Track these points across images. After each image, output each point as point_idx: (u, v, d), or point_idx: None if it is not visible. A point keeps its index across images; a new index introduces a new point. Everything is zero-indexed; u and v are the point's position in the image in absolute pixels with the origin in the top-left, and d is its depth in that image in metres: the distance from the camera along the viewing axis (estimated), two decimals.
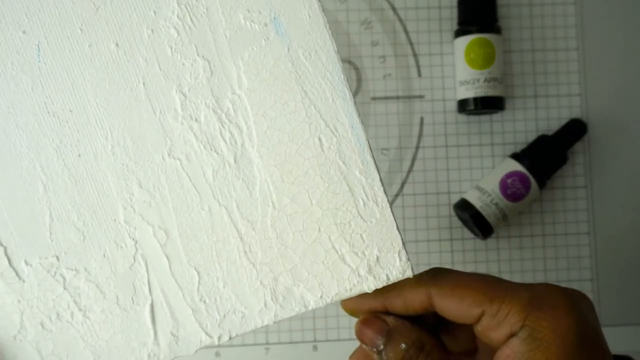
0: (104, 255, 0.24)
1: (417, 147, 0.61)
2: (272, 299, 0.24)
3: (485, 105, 0.60)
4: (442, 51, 0.62)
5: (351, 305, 0.28)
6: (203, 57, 0.23)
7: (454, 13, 0.62)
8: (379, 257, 0.24)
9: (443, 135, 0.61)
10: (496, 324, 0.25)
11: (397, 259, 0.24)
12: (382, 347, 0.27)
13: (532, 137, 0.63)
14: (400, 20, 0.61)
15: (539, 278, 0.63)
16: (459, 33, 0.61)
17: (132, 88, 0.23)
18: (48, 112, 0.23)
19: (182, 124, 0.23)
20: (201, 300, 0.24)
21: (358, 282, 0.24)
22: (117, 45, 0.23)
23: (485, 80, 0.59)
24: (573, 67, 0.63)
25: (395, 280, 0.24)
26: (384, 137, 0.62)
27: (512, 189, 0.59)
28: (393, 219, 0.24)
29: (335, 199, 0.24)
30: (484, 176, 0.62)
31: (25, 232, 0.24)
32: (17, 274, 0.24)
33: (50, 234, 0.24)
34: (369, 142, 0.24)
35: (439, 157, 0.61)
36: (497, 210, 0.59)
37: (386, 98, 0.61)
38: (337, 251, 0.24)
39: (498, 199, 0.59)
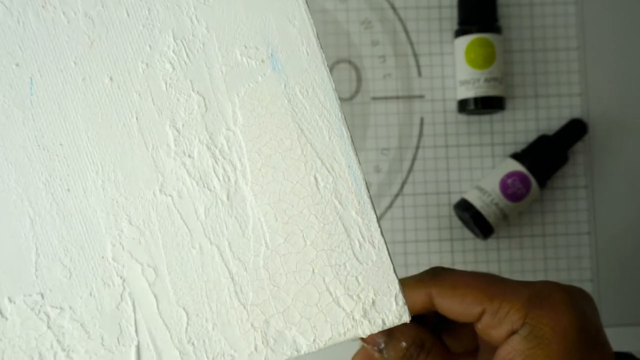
0: (90, 294, 0.23)
1: (417, 147, 0.60)
2: (262, 343, 0.23)
3: (485, 105, 0.59)
4: (442, 51, 0.61)
5: None
6: (198, 92, 0.23)
7: (454, 13, 0.61)
8: (375, 301, 0.23)
9: (443, 135, 0.61)
10: (497, 322, 0.25)
11: (394, 303, 0.23)
12: (382, 345, 0.27)
13: (532, 137, 0.62)
14: (400, 20, 0.61)
15: (539, 278, 0.59)
16: (459, 33, 0.60)
17: (125, 122, 0.23)
18: (38, 145, 0.23)
19: (175, 159, 0.23)
20: (189, 342, 0.23)
21: (352, 327, 0.23)
22: (111, 79, 0.23)
23: (486, 80, 0.59)
24: (573, 67, 0.63)
25: (392, 326, 0.23)
26: (384, 137, 0.60)
27: (513, 189, 0.58)
28: (390, 261, 0.23)
29: (330, 239, 0.23)
30: (484, 176, 0.61)
31: (10, 268, 0.23)
32: None
33: (36, 270, 0.23)
34: (366, 182, 0.23)
35: (439, 157, 0.60)
36: (498, 210, 0.58)
37: (386, 98, 0.60)
38: (331, 294, 0.23)
39: (498, 199, 0.58)
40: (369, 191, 0.22)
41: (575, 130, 0.62)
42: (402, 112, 0.61)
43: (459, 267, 0.60)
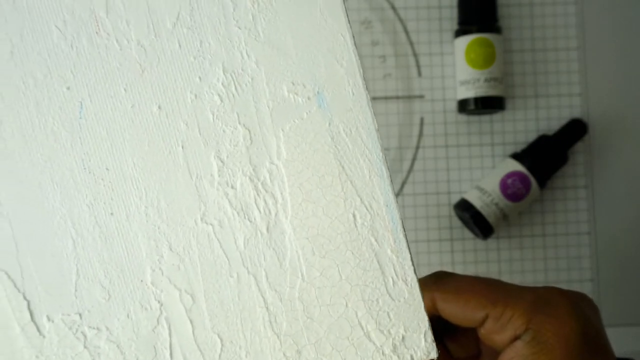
0: (128, 316, 0.23)
1: (417, 147, 0.60)
2: None
3: (485, 105, 0.59)
4: (442, 51, 0.61)
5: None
6: (244, 125, 0.23)
7: (454, 13, 0.60)
8: (405, 337, 0.24)
9: (443, 135, 0.60)
10: (500, 327, 0.25)
11: (423, 340, 0.24)
12: None
13: (532, 137, 0.61)
14: (400, 20, 0.60)
15: (540, 278, 0.60)
16: (459, 33, 0.59)
17: (171, 151, 0.23)
18: (84, 168, 0.23)
19: (218, 189, 0.23)
20: None
21: None
22: (159, 107, 0.23)
23: (486, 80, 0.58)
24: (573, 67, 0.62)
25: None
26: (384, 137, 0.60)
27: (513, 189, 0.58)
28: (421, 299, 0.24)
29: (364, 275, 0.24)
30: (484, 176, 0.60)
31: (50, 287, 0.23)
32: (38, 329, 0.23)
33: (76, 290, 0.23)
34: (402, 221, 0.24)
35: (439, 157, 0.60)
36: (498, 210, 0.57)
37: (386, 98, 0.60)
38: (362, 328, 0.24)
39: (498, 199, 0.57)
40: (404, 230, 0.23)
41: (575, 130, 0.61)
42: (402, 112, 0.60)
43: (459, 267, 0.61)
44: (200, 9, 0.22)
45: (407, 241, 0.22)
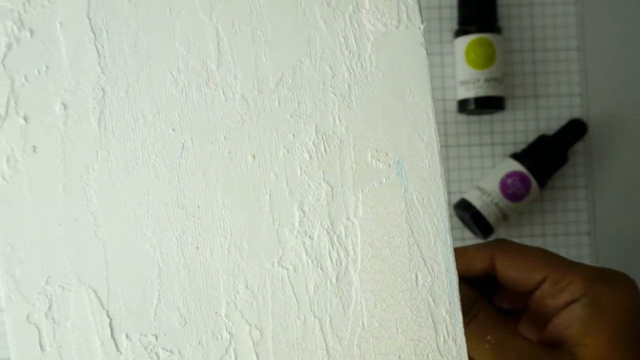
0: (200, 343, 0.25)
1: None
2: None
3: (485, 105, 0.58)
4: (442, 51, 0.60)
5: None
6: (328, 182, 0.25)
7: (454, 13, 0.60)
8: None
9: (443, 135, 0.60)
10: (557, 291, 0.25)
11: None
12: None
13: (532, 137, 0.61)
14: None
15: None
16: (459, 33, 0.58)
17: (259, 198, 0.25)
18: (178, 204, 0.25)
19: (297, 238, 0.25)
20: None
21: None
22: (253, 157, 0.25)
23: (486, 80, 0.58)
24: (573, 67, 0.61)
25: None
26: None
27: (513, 189, 0.57)
28: (467, 358, 0.26)
29: (419, 331, 0.26)
30: (484, 176, 0.60)
31: (132, 308, 0.25)
32: (116, 345, 0.25)
33: (155, 314, 0.25)
34: (458, 286, 0.26)
35: None
36: (497, 210, 0.57)
37: None
38: None
39: (498, 199, 0.57)
40: (459, 294, 0.25)
41: (575, 130, 0.60)
42: None
43: None
44: (302, 73, 0.24)
45: (460, 304, 0.25)
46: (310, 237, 0.24)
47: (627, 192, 0.62)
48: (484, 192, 0.58)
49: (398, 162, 0.24)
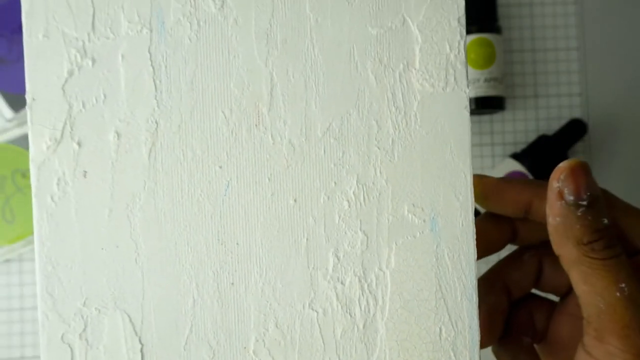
0: None
1: None
2: None
3: (485, 105, 0.58)
4: None
5: (487, 184, 0.27)
6: (364, 232, 0.26)
7: None
8: None
9: None
10: None
11: None
12: (585, 202, 0.24)
13: (532, 137, 0.60)
14: None
15: None
16: None
17: (296, 240, 0.26)
18: (218, 239, 0.26)
19: (329, 282, 0.26)
20: None
21: None
22: (295, 200, 0.26)
23: (486, 80, 0.57)
24: (573, 67, 0.61)
25: None
26: None
27: None
28: None
29: None
30: None
31: (164, 336, 0.26)
32: None
33: (185, 344, 0.26)
34: (479, 344, 0.27)
35: None
36: None
37: None
38: None
39: None
40: (479, 352, 0.26)
41: (575, 130, 0.59)
42: None
43: None
44: (349, 124, 0.25)
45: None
46: (342, 283, 0.25)
47: (627, 193, 0.61)
48: None
49: (433, 218, 0.25)
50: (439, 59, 0.25)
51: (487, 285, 0.29)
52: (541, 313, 0.30)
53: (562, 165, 0.24)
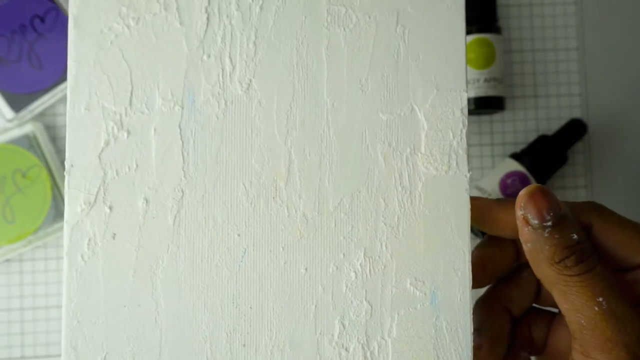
0: None
1: None
2: None
3: (485, 105, 0.57)
4: None
5: (482, 207, 0.26)
6: (368, 302, 0.28)
7: None
8: None
9: None
10: None
11: None
12: (549, 223, 0.24)
13: (532, 137, 0.59)
14: None
15: None
16: None
17: (305, 306, 0.28)
18: (233, 302, 0.28)
19: (334, 348, 0.28)
20: None
21: None
22: (306, 269, 0.28)
23: (485, 80, 0.57)
24: (573, 67, 0.60)
25: None
26: None
27: (512, 189, 0.56)
28: None
29: None
30: (484, 176, 0.59)
31: None
32: None
33: None
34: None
35: None
36: None
37: None
38: None
39: None
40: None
41: (575, 130, 0.59)
42: None
43: None
44: (358, 201, 0.27)
45: None
46: (346, 349, 0.26)
47: (627, 193, 0.60)
48: (483, 192, 0.58)
49: (433, 292, 0.27)
50: (442, 144, 0.27)
51: (487, 308, 0.29)
52: (541, 325, 0.29)
53: (521, 193, 0.24)
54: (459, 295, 0.26)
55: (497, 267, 0.28)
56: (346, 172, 0.26)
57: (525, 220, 0.24)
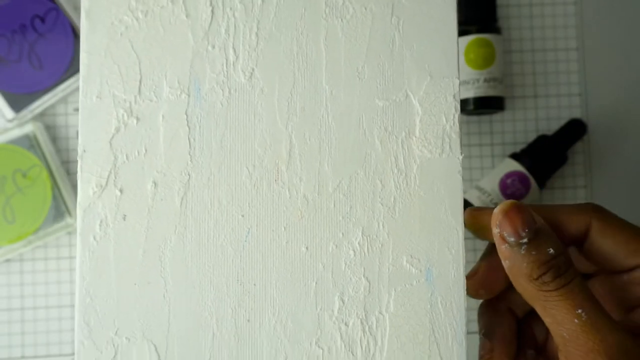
0: None
1: None
2: None
3: (485, 105, 0.57)
4: None
5: (477, 218, 0.26)
6: (367, 278, 0.29)
7: None
8: None
9: None
10: None
11: None
12: (525, 240, 0.24)
13: (532, 137, 0.59)
14: None
15: None
16: (458, 33, 0.62)
17: (306, 284, 0.29)
18: (237, 280, 0.29)
19: (334, 323, 0.29)
20: None
21: None
22: (307, 248, 0.29)
23: (485, 80, 0.57)
24: (573, 67, 0.60)
25: None
26: None
27: (512, 189, 0.56)
28: None
29: None
30: (484, 176, 0.59)
31: None
32: None
33: None
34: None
35: None
36: None
37: None
38: None
39: (498, 198, 0.56)
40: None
41: (574, 130, 0.59)
42: None
43: None
44: (356, 182, 0.29)
45: None
46: (346, 324, 0.28)
47: (627, 193, 0.60)
48: (483, 192, 0.58)
49: (428, 269, 0.28)
50: (436, 128, 0.28)
51: (492, 310, 0.29)
52: (542, 325, 0.29)
53: (495, 211, 0.25)
54: (452, 272, 0.27)
55: (502, 277, 0.29)
56: (344, 156, 0.28)
57: (502, 238, 0.25)
